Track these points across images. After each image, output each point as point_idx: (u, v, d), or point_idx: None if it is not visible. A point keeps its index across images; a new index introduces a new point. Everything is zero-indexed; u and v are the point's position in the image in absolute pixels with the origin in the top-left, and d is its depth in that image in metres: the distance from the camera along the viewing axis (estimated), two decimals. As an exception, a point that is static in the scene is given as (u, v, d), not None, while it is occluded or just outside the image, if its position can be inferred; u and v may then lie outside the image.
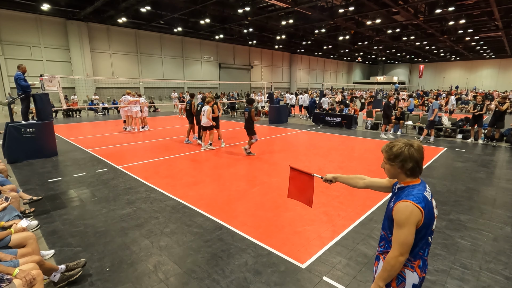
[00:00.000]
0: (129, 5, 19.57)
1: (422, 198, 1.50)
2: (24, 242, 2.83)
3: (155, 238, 3.61)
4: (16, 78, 7.34)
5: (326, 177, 2.16)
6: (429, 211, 1.51)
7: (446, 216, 4.25)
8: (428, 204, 1.51)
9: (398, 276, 1.58)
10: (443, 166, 7.09)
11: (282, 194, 5.07)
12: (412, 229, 1.46)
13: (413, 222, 1.46)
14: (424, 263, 1.59)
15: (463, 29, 26.44)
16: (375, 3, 19.74)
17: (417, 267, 1.56)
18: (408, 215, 1.46)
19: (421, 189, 1.55)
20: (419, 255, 1.57)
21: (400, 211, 1.48)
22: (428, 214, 1.49)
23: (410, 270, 1.56)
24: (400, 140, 1.59)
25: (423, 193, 1.53)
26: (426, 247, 1.57)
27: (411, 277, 1.56)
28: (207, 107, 8.50)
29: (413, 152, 1.54)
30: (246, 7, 20.74)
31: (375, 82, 48.07)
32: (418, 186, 1.56)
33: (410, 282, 1.57)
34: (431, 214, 1.52)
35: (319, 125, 14.32)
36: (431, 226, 1.54)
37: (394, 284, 1.60)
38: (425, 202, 1.49)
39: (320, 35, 30.02)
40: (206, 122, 8.55)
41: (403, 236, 1.46)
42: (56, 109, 14.81)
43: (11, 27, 21.22)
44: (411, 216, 1.45)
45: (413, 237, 1.47)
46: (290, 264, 3.09)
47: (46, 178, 6.00)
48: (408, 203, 1.48)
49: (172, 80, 25.40)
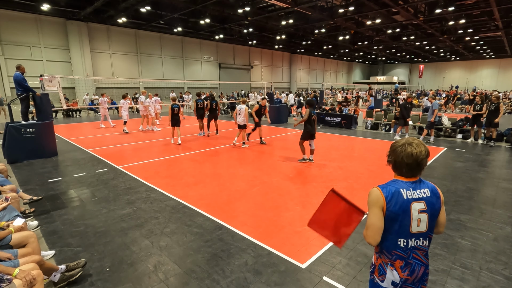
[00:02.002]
0: (129, 5, 19.58)
1: (390, 189, 1.55)
2: (25, 241, 2.83)
3: (155, 238, 3.61)
4: (18, 79, 7.32)
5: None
6: (396, 204, 1.52)
7: (446, 216, 4.22)
8: (396, 197, 1.53)
9: (380, 268, 1.64)
10: (443, 166, 7.09)
11: (282, 194, 5.08)
12: (375, 211, 1.55)
13: (374, 204, 1.55)
14: (407, 265, 1.57)
15: (463, 29, 26.44)
16: (375, 3, 19.74)
17: (398, 268, 1.58)
18: (371, 198, 1.58)
19: (400, 185, 1.57)
20: (397, 255, 1.57)
21: (368, 195, 1.61)
22: (393, 207, 1.52)
23: (390, 268, 1.60)
24: (409, 139, 1.60)
25: (399, 188, 1.55)
26: (401, 250, 1.56)
27: (390, 274, 1.60)
28: (243, 107, 8.88)
29: (402, 150, 1.55)
30: (246, 7, 20.74)
31: (375, 82, 48.07)
32: (399, 182, 1.59)
33: (390, 279, 1.60)
34: (400, 209, 1.52)
35: (319, 125, 14.32)
36: (399, 223, 1.53)
37: (376, 274, 1.67)
38: (391, 193, 1.53)
39: (320, 35, 30.02)
40: (242, 121, 8.92)
41: (368, 217, 1.59)
42: (56, 109, 14.81)
43: (11, 27, 21.23)
44: (372, 198, 1.57)
45: (378, 219, 1.55)
46: (290, 264, 3.09)
47: (46, 178, 6.00)
48: (374, 188, 1.60)
49: (172, 80, 25.43)
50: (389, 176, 1.64)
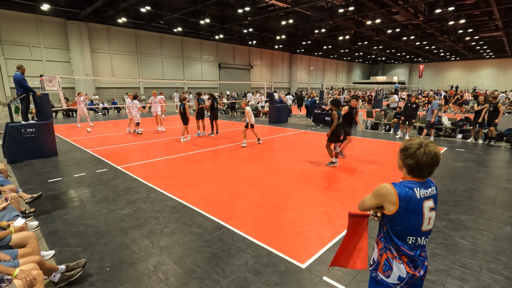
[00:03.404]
0: (129, 5, 19.56)
1: (404, 188, 1.54)
2: (24, 242, 2.83)
3: (155, 238, 3.61)
4: (19, 79, 7.32)
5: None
6: (410, 203, 1.52)
7: (446, 216, 4.25)
8: (409, 198, 1.53)
9: (386, 263, 1.62)
10: (443, 166, 7.09)
11: (282, 194, 5.08)
12: (374, 198, 1.63)
13: (380, 195, 1.58)
14: (413, 262, 1.59)
15: (463, 29, 26.43)
16: (375, 3, 19.73)
17: (405, 263, 1.58)
18: (380, 190, 1.59)
19: (414, 185, 1.56)
20: (404, 251, 1.57)
21: (378, 187, 1.62)
22: (406, 205, 1.52)
23: (398, 261, 1.59)
24: (420, 139, 1.59)
25: (413, 187, 1.55)
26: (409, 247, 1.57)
27: (398, 268, 1.59)
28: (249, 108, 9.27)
29: (420, 153, 1.52)
30: (246, 7, 20.73)
31: (375, 82, 48.06)
32: (412, 182, 1.58)
33: (396, 274, 1.59)
34: (412, 208, 1.53)
35: (319, 125, 14.32)
36: (411, 221, 1.54)
37: (380, 270, 1.65)
38: (406, 192, 1.53)
39: (320, 35, 30.01)
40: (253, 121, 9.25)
41: (366, 197, 1.70)
42: (56, 109, 14.82)
43: (11, 27, 21.21)
44: (381, 191, 1.58)
45: (370, 204, 1.66)
46: (290, 264, 3.09)
47: (46, 178, 6.00)
48: (386, 183, 1.60)
49: (172, 80, 25.41)
50: (389, 176, 1.65)
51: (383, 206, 1.61)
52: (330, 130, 6.60)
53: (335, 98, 6.89)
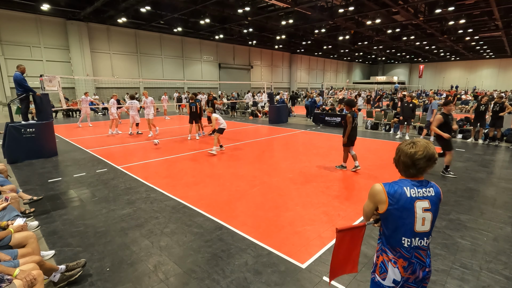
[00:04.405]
0: (129, 5, 19.56)
1: (393, 187, 1.57)
2: (24, 242, 2.83)
3: (155, 238, 3.61)
4: (18, 79, 7.31)
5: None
6: (399, 201, 1.54)
7: (446, 216, 4.25)
8: (399, 195, 1.54)
9: (381, 265, 1.64)
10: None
11: (282, 194, 5.08)
12: (369, 201, 1.68)
13: (372, 196, 1.65)
14: (410, 265, 1.58)
15: (463, 29, 26.43)
16: (375, 3, 19.74)
17: (401, 267, 1.58)
18: (371, 191, 1.65)
19: (404, 183, 1.58)
20: (401, 254, 1.58)
21: (370, 188, 1.68)
22: (395, 203, 1.54)
23: (392, 265, 1.60)
24: (415, 139, 1.62)
25: (402, 186, 1.56)
26: (404, 249, 1.57)
27: (392, 271, 1.60)
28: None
29: (412, 152, 1.54)
30: (246, 7, 20.74)
31: (375, 82, 48.07)
32: (403, 181, 1.61)
33: (391, 277, 1.60)
34: (402, 207, 1.54)
35: (319, 125, 14.33)
36: (403, 221, 1.54)
37: (377, 272, 1.67)
38: (394, 190, 1.56)
39: (320, 35, 30.00)
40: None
41: (364, 204, 1.74)
42: (56, 109, 14.83)
43: (11, 27, 21.22)
44: (372, 191, 1.64)
45: (369, 209, 1.70)
46: (290, 264, 3.09)
47: (46, 178, 6.00)
48: (377, 183, 1.66)
49: (172, 80, 25.42)
50: (389, 176, 1.66)
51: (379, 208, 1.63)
52: (346, 135, 6.17)
53: (349, 98, 6.51)
